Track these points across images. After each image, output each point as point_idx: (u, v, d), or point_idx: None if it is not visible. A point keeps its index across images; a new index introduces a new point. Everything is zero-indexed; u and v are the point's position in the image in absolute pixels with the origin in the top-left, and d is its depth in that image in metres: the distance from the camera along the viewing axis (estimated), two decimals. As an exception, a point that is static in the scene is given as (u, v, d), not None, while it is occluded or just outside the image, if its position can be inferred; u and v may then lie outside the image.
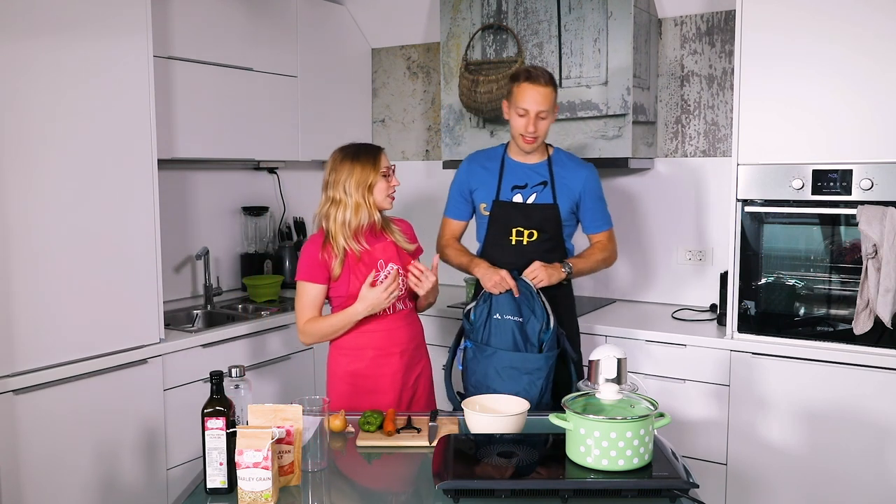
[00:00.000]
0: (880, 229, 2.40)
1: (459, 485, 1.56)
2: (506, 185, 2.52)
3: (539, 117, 2.41)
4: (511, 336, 2.34)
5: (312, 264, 2.28)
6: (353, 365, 2.31)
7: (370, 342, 2.30)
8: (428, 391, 2.44)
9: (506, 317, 2.35)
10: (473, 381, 2.39)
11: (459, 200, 2.64)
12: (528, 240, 2.49)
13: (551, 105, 2.42)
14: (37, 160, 2.35)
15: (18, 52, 2.28)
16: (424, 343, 2.46)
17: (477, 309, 2.42)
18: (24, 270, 2.33)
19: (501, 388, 2.30)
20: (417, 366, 2.39)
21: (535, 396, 2.31)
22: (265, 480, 1.54)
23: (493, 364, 2.34)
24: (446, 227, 2.68)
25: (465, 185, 2.61)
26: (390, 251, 2.32)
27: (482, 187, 2.56)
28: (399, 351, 2.32)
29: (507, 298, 2.37)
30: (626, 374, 1.93)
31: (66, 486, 2.45)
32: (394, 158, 4.08)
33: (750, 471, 2.72)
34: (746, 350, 2.70)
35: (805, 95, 2.57)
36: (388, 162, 2.32)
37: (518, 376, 2.32)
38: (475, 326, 2.41)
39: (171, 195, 3.36)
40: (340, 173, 2.25)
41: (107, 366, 2.55)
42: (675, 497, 1.56)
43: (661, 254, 3.39)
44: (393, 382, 2.31)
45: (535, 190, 2.50)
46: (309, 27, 3.63)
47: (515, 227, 2.49)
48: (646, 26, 3.16)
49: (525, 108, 2.40)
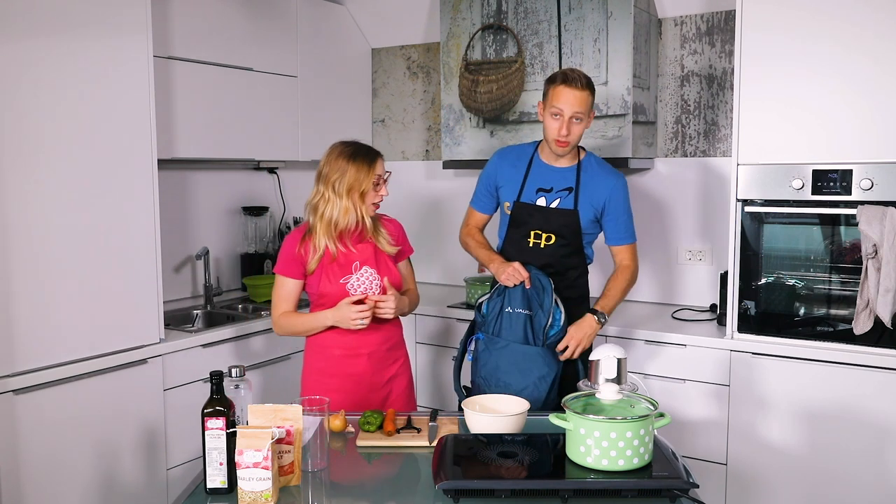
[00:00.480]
0: (880, 229, 2.40)
1: (459, 485, 1.56)
2: (530, 186, 2.49)
3: (573, 120, 2.35)
4: (522, 329, 2.34)
5: (288, 259, 2.29)
6: (321, 363, 2.32)
7: (337, 342, 2.30)
8: (405, 394, 2.41)
9: (517, 310, 2.36)
10: (484, 373, 2.38)
11: (485, 193, 2.62)
12: (546, 243, 2.47)
13: (587, 109, 2.37)
14: (37, 160, 2.35)
15: (19, 52, 2.28)
16: (402, 345, 2.44)
17: (490, 302, 2.43)
18: (25, 270, 2.33)
19: (512, 381, 2.31)
20: (390, 368, 2.37)
21: (543, 391, 2.32)
22: (265, 480, 1.54)
23: (505, 357, 2.34)
24: (470, 217, 2.67)
25: (491, 180, 2.59)
26: (367, 253, 2.30)
27: (507, 185, 2.53)
28: (367, 353, 2.31)
29: (519, 292, 2.37)
30: (626, 374, 1.94)
31: (66, 486, 2.45)
32: (394, 158, 4.09)
33: (750, 471, 2.72)
34: (746, 350, 2.70)
35: (805, 95, 2.56)
36: (383, 170, 2.29)
37: (529, 370, 2.32)
38: (487, 319, 2.42)
39: (171, 195, 3.36)
40: (334, 171, 2.23)
41: (107, 366, 2.55)
42: (675, 497, 1.56)
43: (661, 254, 3.39)
44: (359, 384, 2.30)
45: (559, 195, 2.47)
46: (309, 27, 3.63)
47: (534, 230, 2.48)
48: (646, 26, 3.16)
49: (560, 107, 2.34)
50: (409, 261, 2.49)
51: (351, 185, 2.22)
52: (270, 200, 3.85)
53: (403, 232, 2.46)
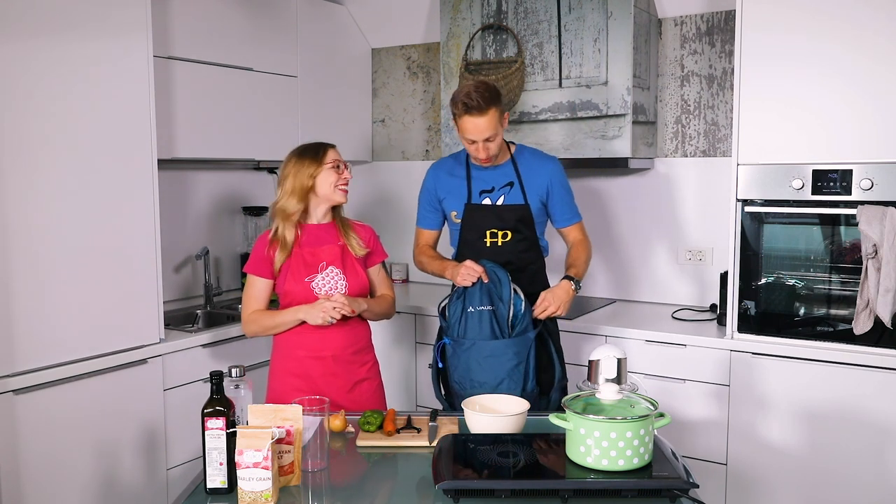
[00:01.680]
0: (880, 229, 2.40)
1: (459, 485, 1.56)
2: (475, 189, 2.52)
3: (486, 142, 2.39)
4: (488, 325, 2.34)
5: (258, 258, 2.33)
6: (286, 363, 2.33)
7: (302, 343, 2.31)
8: (374, 398, 2.40)
9: (478, 308, 2.35)
10: (457, 376, 2.38)
11: (428, 210, 2.63)
12: (503, 240, 2.49)
13: (496, 126, 2.37)
14: (37, 160, 2.35)
15: (18, 52, 2.28)
16: (370, 349, 2.44)
17: (451, 306, 2.42)
18: (24, 270, 2.33)
19: (485, 378, 2.31)
20: (357, 371, 2.37)
21: (519, 381, 2.31)
22: (265, 480, 1.54)
23: (473, 355, 2.33)
24: (419, 236, 2.68)
25: (432, 195, 2.61)
26: (334, 253, 2.32)
27: (451, 195, 2.56)
28: (331, 355, 2.31)
29: (477, 290, 2.36)
30: (626, 374, 1.93)
31: (66, 486, 2.45)
32: (394, 158, 4.09)
33: (750, 471, 2.72)
34: (746, 350, 2.70)
35: (805, 95, 2.57)
36: (337, 156, 2.34)
37: (499, 364, 2.32)
38: (450, 323, 2.41)
39: (171, 195, 3.36)
40: (287, 169, 2.33)
41: (107, 366, 2.55)
42: (675, 497, 1.56)
43: (661, 254, 3.39)
44: (322, 385, 2.29)
45: (502, 192, 2.50)
46: (309, 27, 3.63)
47: (489, 229, 2.50)
48: (646, 26, 3.16)
49: (469, 137, 2.39)
50: (382, 266, 2.50)
51: (297, 172, 2.30)
52: (270, 200, 3.81)
53: (376, 237, 2.48)
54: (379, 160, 4.15)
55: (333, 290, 2.29)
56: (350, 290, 2.31)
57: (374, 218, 3.97)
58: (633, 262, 3.46)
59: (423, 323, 3.41)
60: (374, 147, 4.16)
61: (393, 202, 4.09)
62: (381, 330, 3.33)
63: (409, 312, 3.43)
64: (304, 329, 2.30)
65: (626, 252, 3.46)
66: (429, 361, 3.38)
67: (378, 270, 2.48)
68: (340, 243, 2.35)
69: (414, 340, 3.43)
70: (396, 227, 4.00)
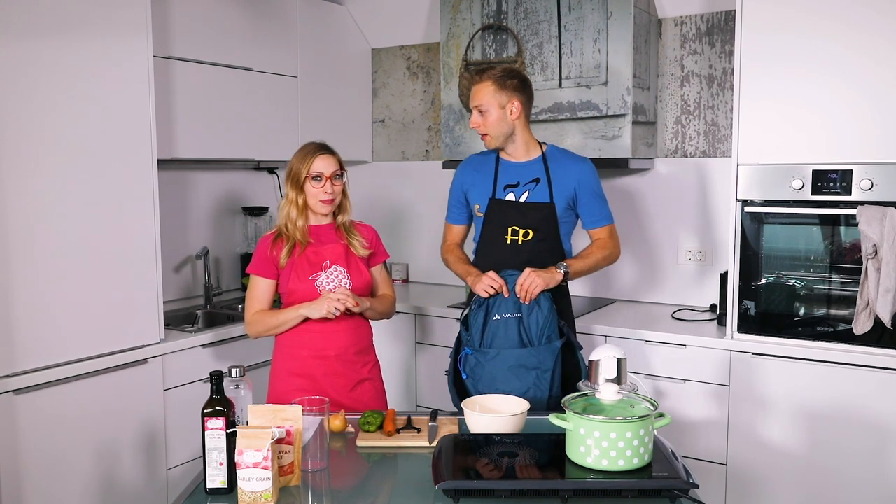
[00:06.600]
0: (880, 229, 2.40)
1: (459, 485, 1.56)
2: (500, 184, 2.50)
3: (477, 112, 2.42)
4: (516, 333, 2.32)
5: (261, 259, 2.33)
6: (289, 363, 2.33)
7: (306, 342, 2.31)
8: (375, 398, 2.40)
9: (506, 315, 2.33)
10: (481, 387, 2.34)
11: (456, 205, 2.62)
12: (524, 239, 2.44)
13: (488, 99, 2.40)
14: (37, 160, 2.35)
15: (18, 52, 2.28)
16: (371, 349, 2.43)
17: (473, 315, 2.40)
18: (25, 270, 2.33)
19: (511, 388, 2.26)
20: (359, 371, 2.37)
21: (545, 391, 2.29)
22: (265, 480, 1.54)
23: (499, 365, 2.30)
24: (448, 232, 2.68)
25: (459, 189, 2.60)
26: (338, 252, 2.33)
27: (476, 188, 2.54)
28: (334, 354, 2.31)
29: (504, 297, 2.34)
30: (626, 374, 1.93)
31: (66, 486, 2.45)
32: (394, 158, 4.09)
33: (750, 471, 2.72)
34: (746, 350, 2.70)
35: (805, 95, 2.57)
36: (323, 166, 2.28)
37: (526, 373, 2.29)
38: (472, 332, 2.38)
39: (171, 195, 3.36)
40: (286, 174, 2.34)
41: (107, 366, 2.55)
42: (675, 497, 1.56)
43: (662, 254, 3.39)
44: (325, 385, 2.29)
45: (527, 188, 2.46)
46: (309, 27, 3.63)
47: (511, 227, 2.46)
48: (646, 26, 3.16)
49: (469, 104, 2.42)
50: (384, 266, 2.51)
51: (289, 176, 2.31)
52: (270, 200, 3.85)
53: (378, 237, 2.48)
54: (379, 160, 4.15)
55: (337, 289, 2.30)
56: (354, 289, 2.32)
57: (373, 218, 3.95)
58: (634, 263, 3.46)
59: (423, 323, 3.41)
60: (374, 147, 4.16)
61: (393, 202, 4.09)
62: (382, 330, 3.33)
63: (409, 312, 3.43)
64: (307, 328, 2.29)
65: (626, 252, 3.45)
66: (433, 364, 3.39)
67: (380, 270, 2.49)
68: (344, 242, 2.36)
69: (414, 340, 3.43)
70: (396, 227, 4.00)
